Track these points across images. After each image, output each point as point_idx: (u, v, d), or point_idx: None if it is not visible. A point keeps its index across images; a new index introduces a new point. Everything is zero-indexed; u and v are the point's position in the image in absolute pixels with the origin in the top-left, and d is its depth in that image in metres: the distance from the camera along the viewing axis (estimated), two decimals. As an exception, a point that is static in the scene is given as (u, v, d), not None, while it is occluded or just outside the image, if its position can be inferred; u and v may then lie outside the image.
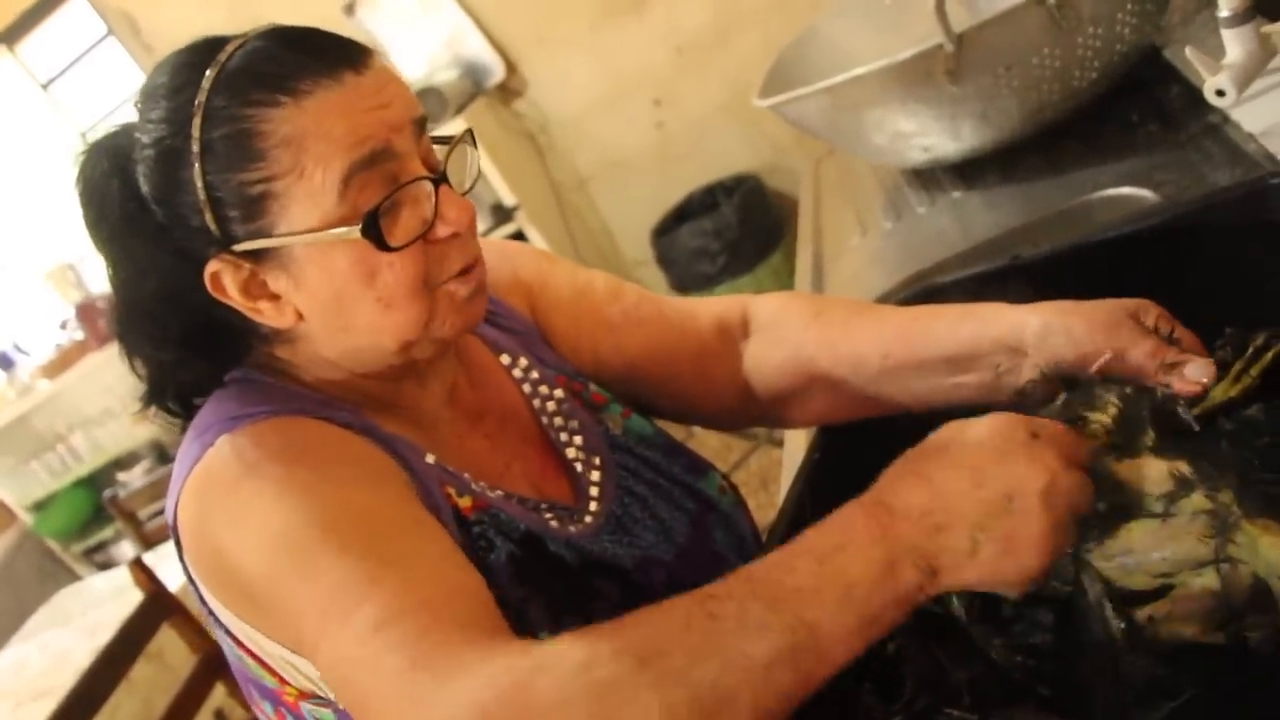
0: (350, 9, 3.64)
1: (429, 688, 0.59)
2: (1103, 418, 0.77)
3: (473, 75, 3.67)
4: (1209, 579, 0.68)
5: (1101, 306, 0.82)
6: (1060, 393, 0.81)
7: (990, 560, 0.64)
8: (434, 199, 0.80)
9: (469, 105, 3.53)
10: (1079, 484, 0.67)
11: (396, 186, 0.78)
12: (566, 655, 0.58)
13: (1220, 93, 1.11)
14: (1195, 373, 0.76)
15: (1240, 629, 0.67)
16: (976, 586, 0.65)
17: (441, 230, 0.80)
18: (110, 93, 4.03)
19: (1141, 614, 0.69)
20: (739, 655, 0.58)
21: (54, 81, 4.12)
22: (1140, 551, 0.68)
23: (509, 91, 3.74)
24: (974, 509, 0.64)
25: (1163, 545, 0.69)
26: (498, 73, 3.68)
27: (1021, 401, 0.84)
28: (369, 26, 3.67)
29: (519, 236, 3.60)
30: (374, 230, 0.77)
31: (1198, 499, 0.69)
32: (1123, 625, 0.69)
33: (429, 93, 3.41)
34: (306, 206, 0.76)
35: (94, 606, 2.80)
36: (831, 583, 0.61)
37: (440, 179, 0.81)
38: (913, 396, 0.93)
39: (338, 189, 0.76)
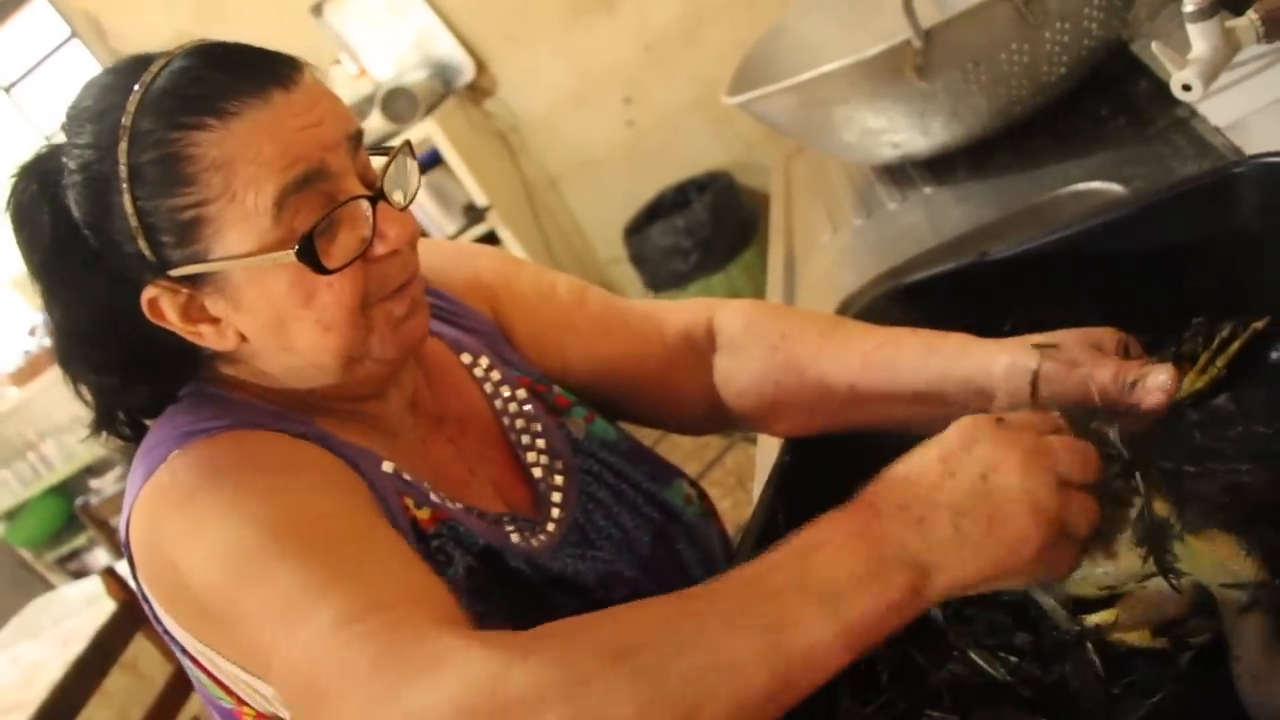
0: (318, 9, 3.61)
1: (398, 683, 0.57)
2: None
3: (442, 75, 3.65)
4: (1152, 589, 0.68)
5: (1063, 339, 0.82)
6: None
7: (980, 546, 0.61)
8: (371, 217, 0.78)
9: (439, 105, 3.51)
10: (1057, 448, 0.65)
11: (331, 207, 0.76)
12: (541, 647, 0.57)
13: (1187, 87, 1.11)
14: (1155, 382, 0.76)
15: (1182, 634, 0.68)
16: (980, 583, 0.62)
17: (380, 249, 0.79)
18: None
19: (1090, 620, 0.70)
20: (718, 652, 0.56)
21: (17, 84, 4.07)
22: (1084, 567, 0.68)
23: (479, 91, 3.73)
24: (950, 495, 0.62)
25: (1106, 562, 0.69)
26: (468, 72, 3.67)
27: None
28: (337, 27, 3.64)
29: (491, 236, 3.59)
30: (310, 254, 0.75)
31: (1135, 515, 0.70)
32: (1078, 629, 0.70)
33: (399, 93, 3.39)
34: (241, 230, 0.75)
35: (66, 617, 2.77)
36: (813, 580, 0.59)
37: (377, 196, 0.79)
38: (881, 422, 0.92)
39: (271, 212, 0.74)
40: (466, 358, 0.98)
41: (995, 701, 0.72)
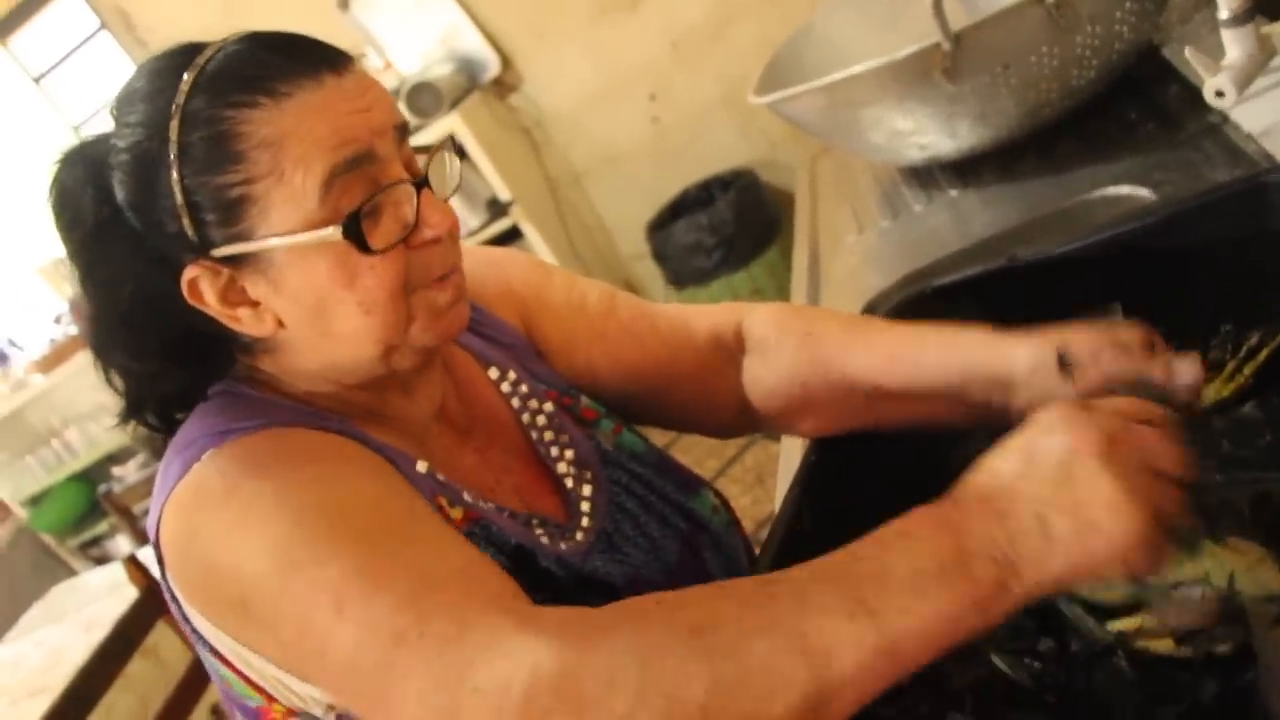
0: (344, 4, 3.62)
1: (466, 662, 0.58)
2: None
3: (468, 70, 3.66)
4: (1178, 597, 0.68)
5: (1088, 336, 0.81)
6: None
7: (1068, 538, 0.58)
8: (416, 202, 0.78)
9: (464, 100, 3.52)
10: (1147, 435, 0.61)
11: (379, 189, 0.76)
12: (613, 623, 0.57)
13: (1220, 93, 1.11)
14: (1183, 373, 0.75)
15: (1209, 643, 0.68)
16: (1072, 576, 0.59)
17: (426, 233, 0.79)
18: (104, 88, 4.01)
19: (1115, 627, 0.70)
20: (796, 637, 0.56)
21: (46, 75, 4.10)
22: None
23: (504, 86, 3.73)
24: (1031, 486, 0.60)
25: None
26: (493, 67, 3.67)
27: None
28: (363, 21, 3.65)
29: (514, 232, 3.59)
30: (355, 232, 0.75)
31: None
32: (1111, 637, 0.70)
33: (423, 87, 3.40)
34: (286, 209, 0.75)
35: (89, 602, 2.79)
36: (896, 567, 0.58)
37: (422, 183, 0.79)
38: (908, 419, 0.92)
39: (318, 192, 0.74)
40: (494, 372, 0.98)
41: (1019, 707, 0.72)
